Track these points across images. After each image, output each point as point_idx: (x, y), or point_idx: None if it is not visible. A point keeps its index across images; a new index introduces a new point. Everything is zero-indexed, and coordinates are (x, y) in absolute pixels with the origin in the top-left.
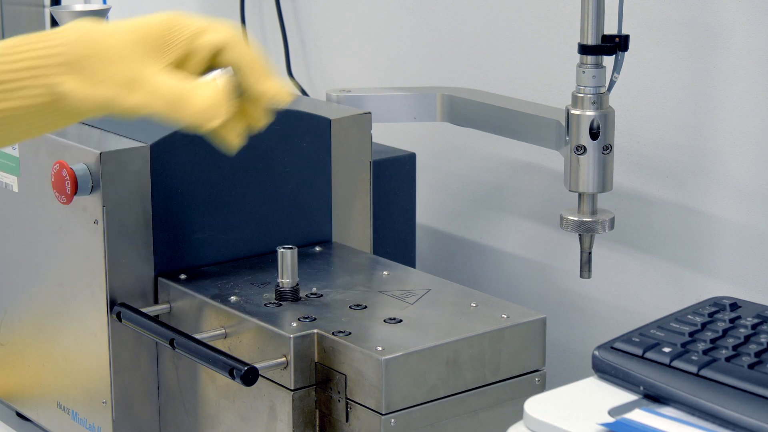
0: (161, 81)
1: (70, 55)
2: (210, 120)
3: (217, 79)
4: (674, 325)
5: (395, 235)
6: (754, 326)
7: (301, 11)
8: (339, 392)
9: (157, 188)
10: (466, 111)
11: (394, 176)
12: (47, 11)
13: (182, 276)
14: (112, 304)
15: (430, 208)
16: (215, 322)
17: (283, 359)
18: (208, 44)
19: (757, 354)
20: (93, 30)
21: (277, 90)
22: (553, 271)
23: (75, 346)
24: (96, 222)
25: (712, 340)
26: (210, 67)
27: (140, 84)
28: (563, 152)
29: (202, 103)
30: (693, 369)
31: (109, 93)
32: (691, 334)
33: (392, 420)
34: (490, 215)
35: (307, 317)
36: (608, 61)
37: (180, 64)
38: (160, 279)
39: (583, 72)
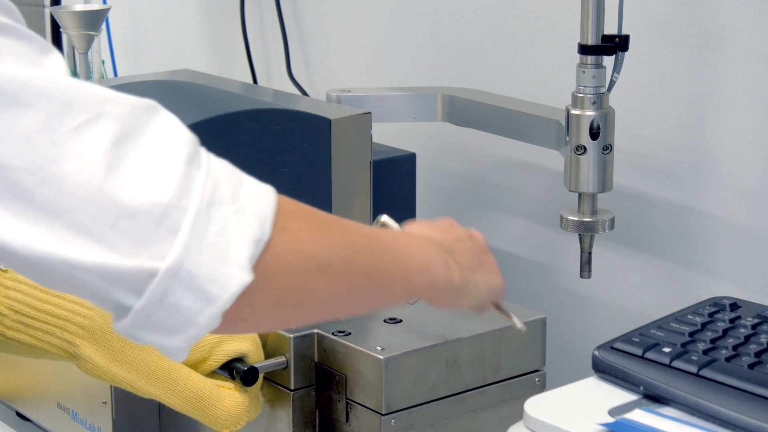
0: (184, 376)
1: (94, 321)
2: (230, 427)
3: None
4: (674, 325)
5: None
6: (754, 326)
7: (301, 11)
8: (339, 392)
9: None
10: (466, 111)
11: (394, 176)
12: (47, 11)
13: None
14: None
15: (430, 208)
16: None
17: (283, 359)
18: (233, 351)
19: (757, 354)
20: None
21: None
22: (553, 271)
23: None
24: None
25: (712, 340)
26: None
27: (161, 375)
28: (563, 152)
29: (226, 409)
30: (693, 369)
31: (127, 376)
32: (691, 334)
33: (392, 420)
34: (490, 215)
35: None
36: (608, 61)
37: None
38: None
39: (583, 72)
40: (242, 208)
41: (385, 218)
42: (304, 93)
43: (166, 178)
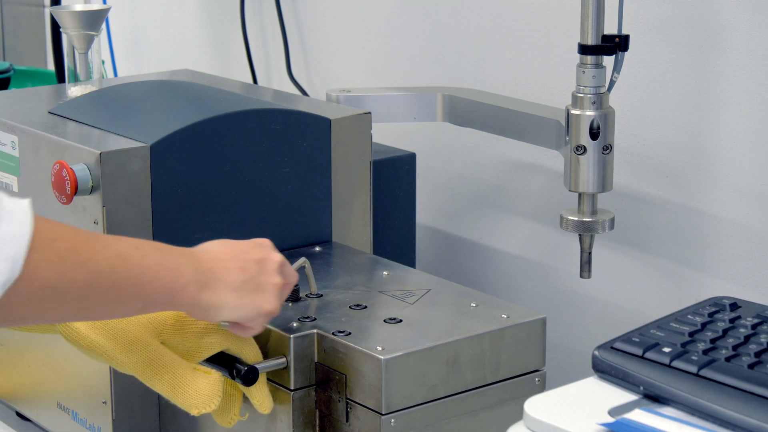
0: (161, 352)
1: None
2: (199, 407)
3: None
4: (674, 325)
5: (395, 235)
6: (754, 326)
7: (301, 11)
8: (339, 392)
9: (157, 188)
10: (466, 111)
11: (394, 176)
12: (47, 11)
13: None
14: None
15: (430, 208)
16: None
17: (283, 359)
18: (219, 345)
19: (757, 354)
20: None
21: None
22: (553, 271)
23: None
24: (96, 222)
25: (712, 340)
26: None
27: (138, 348)
28: (563, 152)
29: (197, 389)
30: (693, 369)
31: (106, 344)
32: (691, 334)
33: (392, 420)
34: (490, 215)
35: (307, 317)
36: (608, 61)
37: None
38: None
39: (583, 72)
40: None
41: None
42: (304, 93)
43: None
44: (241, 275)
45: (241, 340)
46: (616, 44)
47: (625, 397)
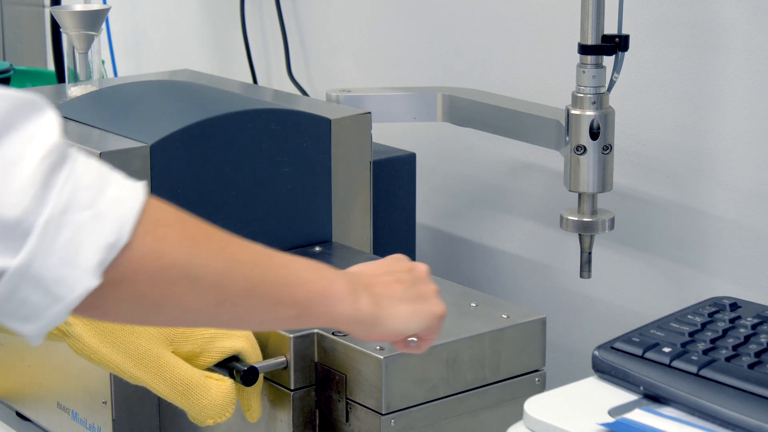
0: (172, 363)
1: None
2: (214, 417)
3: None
4: (674, 325)
5: (395, 235)
6: (754, 326)
7: (301, 11)
8: (339, 392)
9: (157, 188)
10: (466, 111)
11: (394, 176)
12: (47, 11)
13: None
14: None
15: (430, 208)
16: None
17: (283, 359)
18: (229, 348)
19: (757, 354)
20: None
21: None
22: (553, 271)
23: None
24: None
25: (712, 340)
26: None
27: (149, 360)
28: (563, 152)
29: (211, 399)
30: (693, 369)
31: (115, 357)
32: (691, 334)
33: (392, 420)
34: (490, 215)
35: None
36: (608, 61)
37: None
38: None
39: (583, 72)
40: (100, 213)
41: None
42: (304, 93)
43: (25, 185)
44: (401, 286)
45: (244, 341)
46: (616, 44)
47: (625, 397)
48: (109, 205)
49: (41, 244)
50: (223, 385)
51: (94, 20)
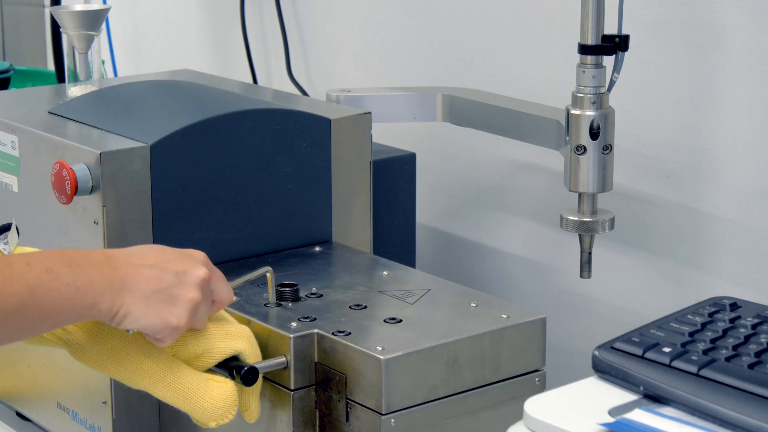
0: (173, 368)
1: None
2: (217, 419)
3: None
4: (674, 325)
5: (395, 235)
6: (754, 326)
7: (301, 11)
8: (339, 392)
9: (157, 188)
10: (466, 111)
11: (394, 176)
12: (47, 11)
13: None
14: None
15: (430, 208)
16: None
17: (283, 359)
18: (230, 348)
19: (757, 354)
20: None
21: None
22: (553, 271)
23: None
24: (96, 222)
25: (712, 340)
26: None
27: (149, 368)
28: (563, 152)
29: (213, 401)
30: (693, 369)
31: (113, 368)
32: (691, 334)
33: (392, 420)
34: (490, 215)
35: (307, 317)
36: (608, 61)
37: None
38: None
39: (583, 72)
40: None
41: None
42: (304, 93)
43: None
44: (155, 284)
45: (244, 342)
46: (616, 44)
47: (625, 397)
48: None
49: None
50: (224, 387)
51: (94, 20)
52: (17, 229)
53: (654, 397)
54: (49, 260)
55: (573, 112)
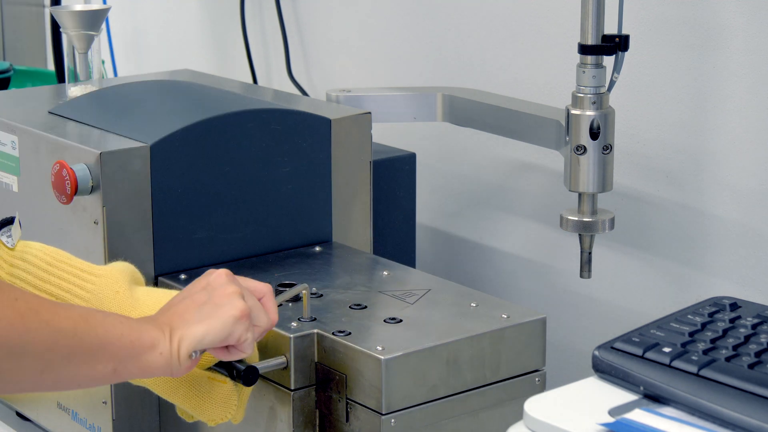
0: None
1: (92, 304)
2: (216, 419)
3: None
4: (674, 325)
5: (395, 235)
6: (754, 326)
7: (301, 11)
8: (339, 392)
9: (157, 188)
10: (466, 111)
11: (394, 176)
12: (47, 11)
13: (182, 276)
14: None
15: (430, 208)
16: None
17: (283, 359)
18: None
19: (757, 354)
20: (122, 293)
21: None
22: (553, 271)
23: None
24: (96, 222)
25: (712, 340)
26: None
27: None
28: (563, 152)
29: (214, 402)
30: (693, 369)
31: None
32: (691, 334)
33: (392, 420)
34: (490, 215)
35: (307, 317)
36: (608, 61)
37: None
38: (160, 279)
39: (583, 72)
40: None
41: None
42: (304, 93)
43: None
44: (194, 308)
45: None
46: (616, 44)
47: (625, 397)
48: None
49: None
50: (225, 387)
51: (94, 20)
52: (20, 222)
53: (654, 397)
54: (97, 309)
55: (573, 112)
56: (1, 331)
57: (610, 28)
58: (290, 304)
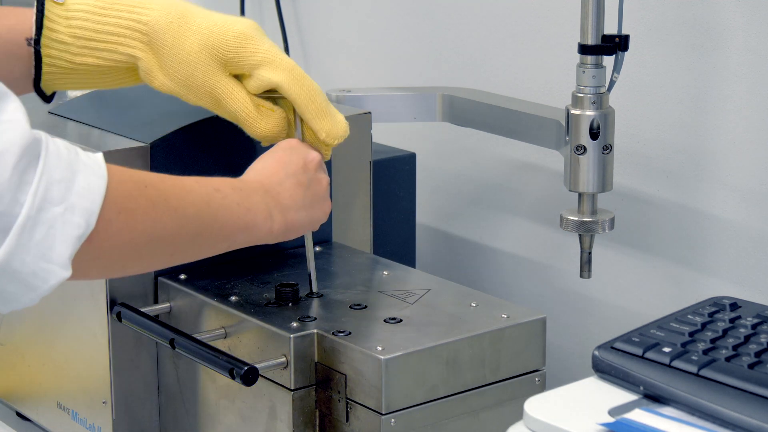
0: (226, 94)
1: (151, 36)
2: (268, 143)
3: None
4: (674, 325)
5: (395, 235)
6: (754, 326)
7: (301, 11)
8: (339, 392)
9: None
10: (466, 111)
11: (394, 176)
12: None
13: (182, 276)
14: (112, 303)
15: (430, 208)
16: (215, 322)
17: (283, 359)
18: (267, 80)
19: (757, 354)
20: (176, 22)
21: (329, 130)
22: (553, 271)
23: (75, 346)
24: None
25: (712, 340)
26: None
27: (205, 92)
28: (563, 152)
29: (263, 128)
30: (693, 369)
31: (178, 90)
32: (691, 334)
33: (392, 420)
34: (490, 215)
35: (307, 317)
36: (608, 61)
37: (240, 78)
38: (160, 279)
39: (583, 72)
40: (71, 206)
41: None
42: None
43: (3, 187)
44: (301, 191)
45: (285, 74)
46: (616, 44)
47: (625, 397)
48: (78, 197)
49: (19, 242)
50: (273, 115)
51: None
52: None
53: (654, 397)
54: (215, 182)
55: (573, 112)
56: (137, 222)
57: (610, 28)
58: (290, 305)
